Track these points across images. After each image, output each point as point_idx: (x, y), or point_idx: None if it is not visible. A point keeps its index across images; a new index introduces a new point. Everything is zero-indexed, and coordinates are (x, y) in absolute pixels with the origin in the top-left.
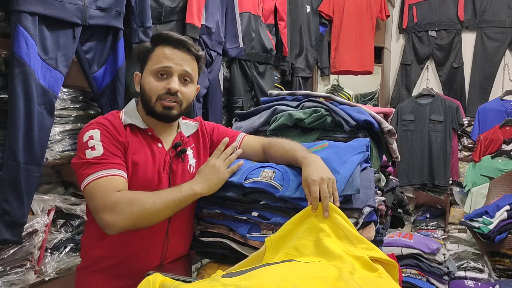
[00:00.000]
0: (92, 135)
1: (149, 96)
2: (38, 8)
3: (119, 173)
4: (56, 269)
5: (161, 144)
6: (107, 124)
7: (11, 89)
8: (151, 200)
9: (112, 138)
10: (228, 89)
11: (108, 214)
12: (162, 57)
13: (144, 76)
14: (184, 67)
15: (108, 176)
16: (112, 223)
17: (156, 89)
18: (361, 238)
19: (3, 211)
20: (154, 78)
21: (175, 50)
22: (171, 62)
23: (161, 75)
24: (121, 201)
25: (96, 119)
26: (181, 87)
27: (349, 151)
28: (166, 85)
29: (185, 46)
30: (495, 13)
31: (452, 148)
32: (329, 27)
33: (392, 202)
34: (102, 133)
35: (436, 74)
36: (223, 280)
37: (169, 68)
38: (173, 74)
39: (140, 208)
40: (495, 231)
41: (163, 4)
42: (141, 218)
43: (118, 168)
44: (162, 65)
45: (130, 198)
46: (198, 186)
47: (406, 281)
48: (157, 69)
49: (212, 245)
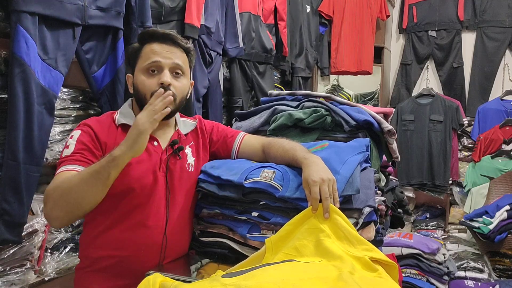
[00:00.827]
0: (73, 135)
1: (143, 94)
2: (38, 8)
3: (77, 169)
4: (56, 269)
5: (157, 143)
6: (93, 125)
7: (11, 89)
8: (70, 179)
9: (90, 138)
10: (228, 89)
11: (44, 208)
12: (151, 53)
13: (136, 76)
14: (174, 60)
15: (64, 171)
16: (46, 216)
17: (149, 86)
18: (361, 239)
19: (3, 211)
20: (145, 75)
21: (162, 45)
22: (159, 57)
23: (152, 71)
24: (49, 191)
25: (87, 119)
26: (173, 81)
27: (349, 151)
28: (158, 80)
29: (172, 39)
30: (495, 13)
31: (452, 148)
32: (329, 27)
33: (392, 202)
34: (82, 134)
35: (436, 74)
36: (223, 280)
37: (159, 62)
38: (164, 68)
39: (61, 191)
40: (495, 231)
41: (163, 4)
42: (66, 202)
43: (79, 164)
44: (151, 60)
45: (54, 186)
46: (117, 149)
47: (406, 281)
48: (146, 66)
49: (212, 245)
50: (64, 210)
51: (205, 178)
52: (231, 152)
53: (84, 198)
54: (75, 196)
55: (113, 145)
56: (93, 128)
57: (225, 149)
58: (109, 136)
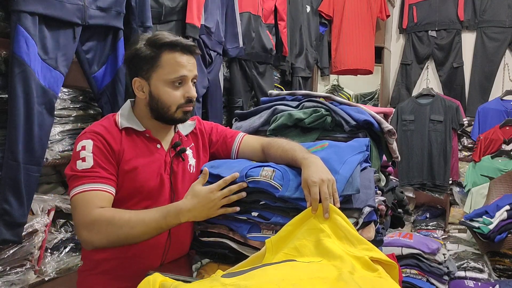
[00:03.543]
0: (85, 145)
1: (168, 105)
2: (38, 8)
3: (105, 188)
4: (56, 269)
5: (160, 145)
6: (102, 132)
7: (11, 89)
8: (131, 223)
9: (105, 149)
10: (228, 89)
11: (84, 231)
12: (176, 66)
13: (156, 85)
14: (194, 72)
15: (93, 190)
16: (87, 241)
17: (175, 99)
18: (361, 239)
19: (3, 211)
20: (170, 87)
21: (186, 56)
22: (186, 70)
23: (178, 84)
24: (99, 220)
25: (91, 126)
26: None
27: (349, 151)
28: (184, 93)
29: (193, 52)
30: (495, 13)
31: (452, 148)
32: (329, 27)
33: (392, 202)
34: (95, 144)
35: (436, 74)
36: (223, 280)
37: (185, 77)
38: (188, 81)
39: (117, 230)
40: (495, 231)
41: (163, 4)
42: (117, 240)
43: (105, 183)
44: (179, 74)
45: (108, 218)
46: (185, 216)
47: (406, 281)
48: (173, 79)
49: (212, 245)
50: (111, 243)
51: None
52: (231, 153)
53: (137, 241)
54: (131, 239)
55: (120, 149)
56: (104, 136)
57: (225, 149)
58: (117, 140)
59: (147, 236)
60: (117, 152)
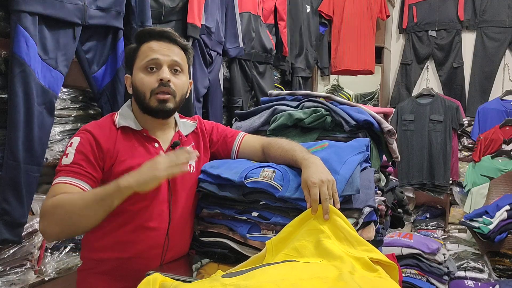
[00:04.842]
0: (72, 142)
1: (143, 92)
2: (38, 8)
3: (76, 183)
4: (56, 269)
5: (158, 144)
6: (93, 130)
7: (11, 89)
8: (73, 201)
9: (90, 146)
10: (228, 89)
11: (40, 222)
12: (149, 51)
13: (134, 75)
14: (172, 57)
15: (62, 183)
16: (42, 231)
17: (148, 84)
18: (361, 240)
19: (3, 211)
20: (144, 73)
21: (160, 43)
22: (158, 54)
23: (151, 69)
24: (48, 207)
25: (87, 124)
26: (172, 78)
27: (349, 151)
28: (157, 77)
29: (169, 37)
30: (495, 13)
31: (452, 148)
32: (329, 27)
33: (392, 202)
34: (81, 141)
35: (436, 74)
36: (223, 280)
37: (157, 59)
38: (162, 65)
39: (62, 211)
40: (495, 231)
41: (163, 4)
42: (66, 223)
43: (78, 178)
44: (149, 58)
45: (54, 202)
46: (124, 180)
47: (406, 281)
48: (145, 64)
49: (212, 245)
50: (62, 229)
51: (205, 178)
52: (231, 152)
53: (85, 222)
54: (77, 219)
55: (113, 149)
56: (94, 134)
57: (225, 149)
58: (110, 140)
59: (92, 210)
60: (106, 150)
